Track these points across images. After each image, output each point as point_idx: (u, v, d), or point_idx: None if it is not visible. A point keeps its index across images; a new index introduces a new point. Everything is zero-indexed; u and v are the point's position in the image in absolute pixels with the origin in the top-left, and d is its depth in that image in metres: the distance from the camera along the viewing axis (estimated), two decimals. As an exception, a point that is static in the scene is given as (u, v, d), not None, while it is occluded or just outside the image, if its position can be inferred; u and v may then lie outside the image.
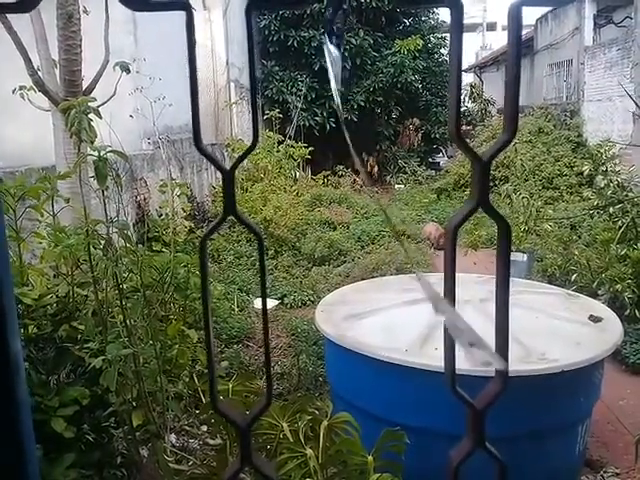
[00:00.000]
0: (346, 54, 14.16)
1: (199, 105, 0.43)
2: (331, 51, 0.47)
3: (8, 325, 0.35)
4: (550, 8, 15.26)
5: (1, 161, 5.17)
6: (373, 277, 5.70)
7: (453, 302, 0.39)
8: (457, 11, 0.35)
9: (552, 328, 3.11)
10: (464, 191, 12.11)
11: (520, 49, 0.36)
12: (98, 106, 3.10)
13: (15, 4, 0.35)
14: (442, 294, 0.42)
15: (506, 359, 0.39)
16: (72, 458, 2.21)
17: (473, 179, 0.36)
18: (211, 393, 0.35)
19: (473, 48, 26.92)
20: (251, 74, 0.39)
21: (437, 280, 0.50)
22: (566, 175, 11.55)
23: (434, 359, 2.56)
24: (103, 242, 2.44)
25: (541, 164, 11.92)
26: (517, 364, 2.66)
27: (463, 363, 0.38)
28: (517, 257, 6.66)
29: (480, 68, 23.26)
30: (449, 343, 0.39)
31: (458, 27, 0.35)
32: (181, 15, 0.47)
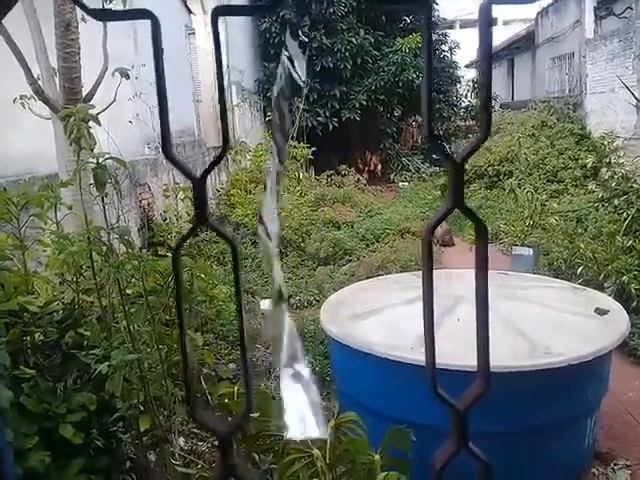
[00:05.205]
0: (347, 54, 14.14)
1: (168, 113, 0.43)
2: (291, 47, 0.46)
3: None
4: (551, 1, 15.21)
5: (6, 170, 5.18)
6: (378, 275, 5.70)
7: (431, 300, 0.39)
8: (427, 11, 0.35)
9: (558, 322, 3.10)
10: (468, 187, 12.05)
11: (491, 46, 0.36)
12: (98, 113, 3.11)
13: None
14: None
15: (488, 363, 0.39)
16: (81, 464, 2.22)
17: (449, 180, 0.36)
18: (188, 402, 0.35)
19: (474, 44, 26.79)
20: (219, 77, 0.39)
21: (440, 276, 0.50)
22: (570, 168, 11.48)
23: (440, 357, 2.55)
24: (105, 248, 2.44)
25: (545, 157, 11.85)
26: (523, 359, 2.65)
27: (465, 359, 0.38)
28: (523, 251, 6.65)
29: (481, 63, 23.19)
30: (429, 343, 0.39)
31: (428, 27, 0.35)
32: (178, 20, 0.47)
